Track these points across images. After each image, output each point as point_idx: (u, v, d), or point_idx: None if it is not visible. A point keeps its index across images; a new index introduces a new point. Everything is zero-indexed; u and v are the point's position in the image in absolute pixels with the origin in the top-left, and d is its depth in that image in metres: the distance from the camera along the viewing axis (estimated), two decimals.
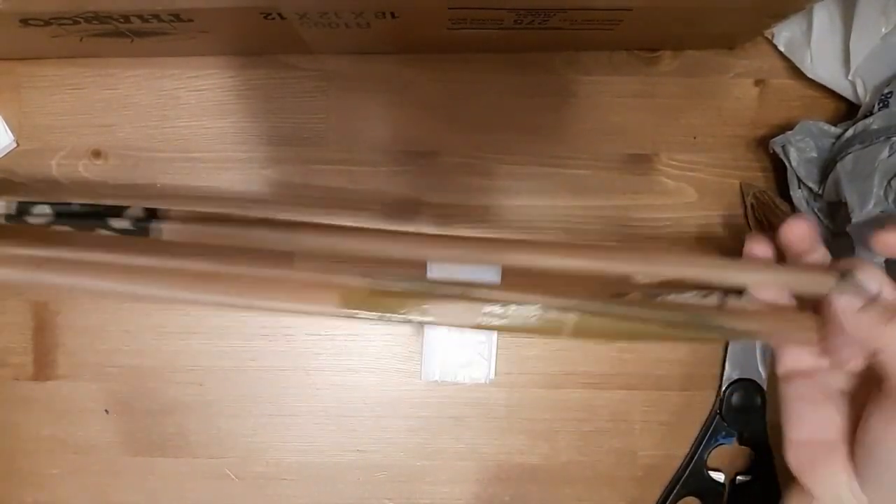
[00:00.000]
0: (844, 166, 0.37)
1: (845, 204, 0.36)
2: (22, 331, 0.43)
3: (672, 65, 0.42)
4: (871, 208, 0.35)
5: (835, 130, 0.39)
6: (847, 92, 0.40)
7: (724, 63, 0.42)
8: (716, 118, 0.42)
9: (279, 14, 0.33)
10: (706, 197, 0.42)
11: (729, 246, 0.42)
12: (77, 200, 0.31)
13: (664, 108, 0.42)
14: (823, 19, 0.39)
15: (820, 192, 0.39)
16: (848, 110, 0.41)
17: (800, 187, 0.39)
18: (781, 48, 0.41)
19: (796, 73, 0.41)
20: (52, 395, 0.43)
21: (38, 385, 0.43)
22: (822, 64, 0.40)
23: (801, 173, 0.39)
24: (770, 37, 0.41)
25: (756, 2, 0.34)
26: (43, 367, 0.43)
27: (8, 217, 0.31)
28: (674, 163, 0.42)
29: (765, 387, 0.42)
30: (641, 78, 0.42)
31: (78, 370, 0.42)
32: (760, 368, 0.42)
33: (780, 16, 0.38)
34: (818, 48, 0.39)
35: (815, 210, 0.39)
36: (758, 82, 0.42)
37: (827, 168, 0.38)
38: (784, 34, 0.41)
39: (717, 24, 0.37)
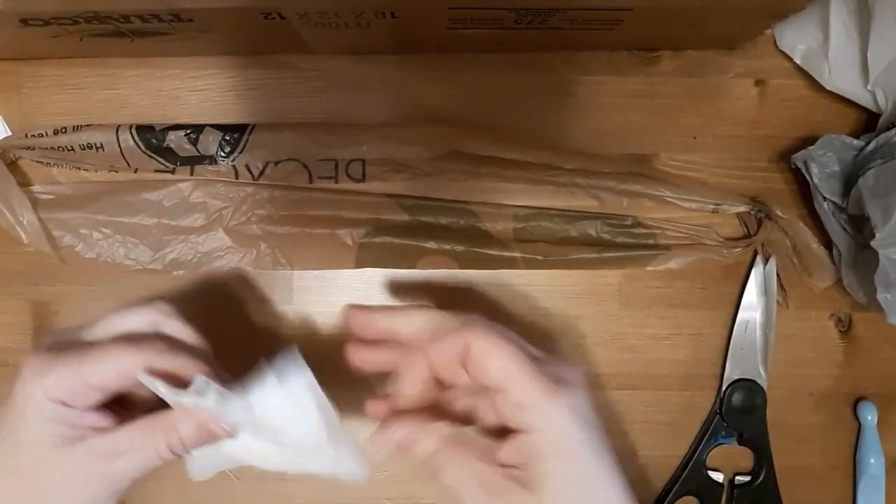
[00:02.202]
0: (866, 181, 0.36)
1: (869, 218, 0.36)
2: (22, 331, 0.43)
3: (672, 65, 0.42)
4: (895, 223, 0.34)
5: (857, 143, 0.38)
6: (867, 102, 0.40)
7: (724, 63, 0.42)
8: (716, 118, 0.42)
9: (279, 14, 0.33)
10: None
11: (728, 246, 0.42)
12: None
13: (664, 108, 0.42)
14: (839, 31, 0.39)
15: (844, 205, 0.39)
16: (868, 120, 0.41)
17: (824, 200, 0.39)
18: (798, 61, 0.41)
19: (796, 73, 0.42)
20: None
21: None
22: (841, 76, 0.39)
23: (824, 188, 0.39)
24: (772, 38, 0.41)
25: (756, 2, 0.34)
26: None
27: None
28: (674, 163, 0.42)
29: (765, 387, 0.42)
30: (641, 78, 0.42)
31: None
32: (761, 369, 0.42)
33: (780, 16, 0.38)
34: (836, 60, 0.39)
35: (842, 223, 0.39)
36: (758, 82, 0.42)
37: (850, 182, 0.38)
38: (800, 47, 0.41)
39: (717, 24, 0.37)
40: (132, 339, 0.30)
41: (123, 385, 0.29)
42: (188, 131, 0.40)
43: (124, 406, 0.31)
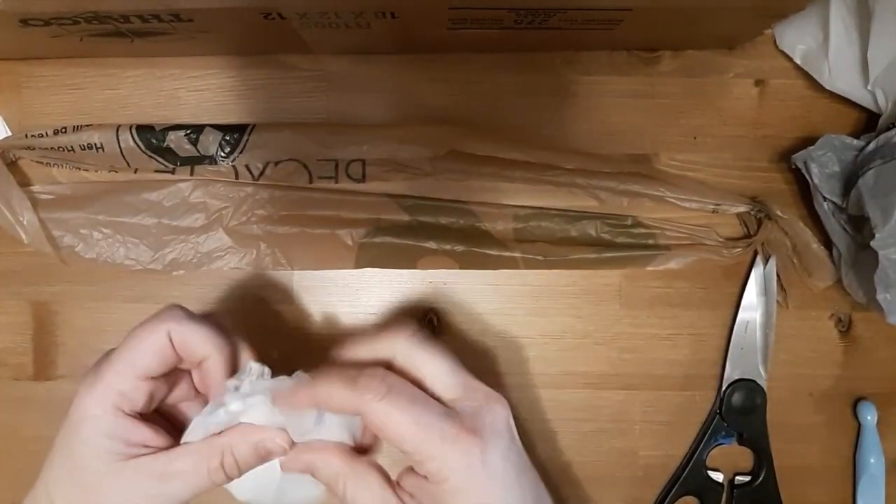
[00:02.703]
0: (866, 182, 0.36)
1: (869, 218, 0.36)
2: (22, 331, 0.43)
3: (672, 65, 0.42)
4: (895, 224, 0.34)
5: (857, 143, 0.38)
6: (867, 102, 0.40)
7: (724, 63, 0.42)
8: (716, 118, 0.42)
9: (279, 14, 0.33)
10: None
11: (728, 246, 0.42)
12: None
13: (664, 108, 0.42)
14: (840, 31, 0.39)
15: (844, 205, 0.39)
16: (868, 120, 0.41)
17: (824, 200, 0.39)
18: (798, 61, 0.41)
19: (796, 73, 0.42)
20: (52, 395, 0.43)
21: (38, 385, 0.43)
22: (841, 75, 0.39)
23: (824, 188, 0.39)
24: (772, 38, 0.41)
25: (756, 2, 0.34)
26: (43, 367, 0.43)
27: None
28: (674, 163, 0.42)
29: (765, 387, 0.42)
30: (641, 78, 0.42)
31: (78, 370, 0.42)
32: (761, 369, 0.42)
33: (780, 16, 0.38)
34: (836, 60, 0.39)
35: (842, 223, 0.39)
36: (758, 82, 0.42)
37: (850, 182, 0.38)
38: (800, 47, 0.41)
39: (717, 24, 0.37)
40: (152, 316, 0.30)
41: (164, 364, 0.30)
42: (188, 131, 0.40)
43: (175, 426, 0.32)
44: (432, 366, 0.29)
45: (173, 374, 0.31)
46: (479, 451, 0.27)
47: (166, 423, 0.32)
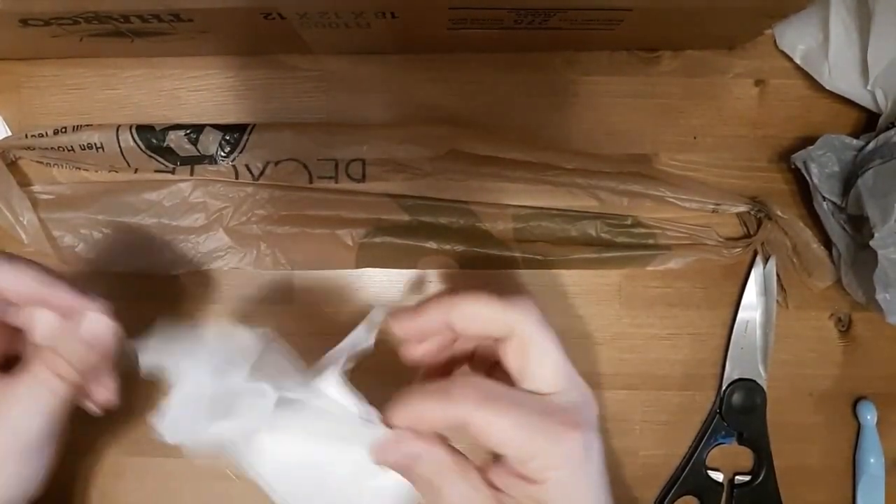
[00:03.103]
0: (865, 182, 0.37)
1: (868, 218, 0.36)
2: None
3: (672, 65, 0.42)
4: (894, 224, 0.34)
5: (857, 143, 0.39)
6: (867, 102, 0.40)
7: (724, 63, 0.42)
8: (716, 118, 0.42)
9: (279, 14, 0.33)
10: None
11: (728, 246, 0.42)
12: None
13: (664, 108, 0.42)
14: (839, 31, 0.39)
15: (843, 205, 0.39)
16: (868, 120, 0.41)
17: (823, 200, 0.39)
18: (798, 61, 0.41)
19: (796, 73, 0.42)
20: None
21: None
22: (841, 75, 0.39)
23: (824, 188, 0.39)
24: (772, 38, 0.41)
25: (756, 2, 0.34)
26: None
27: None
28: (674, 163, 0.42)
29: (765, 387, 0.42)
30: (641, 78, 0.42)
31: None
32: (761, 368, 0.42)
33: (780, 16, 0.38)
34: (836, 60, 0.39)
35: (841, 222, 0.39)
36: (758, 82, 0.42)
37: (849, 182, 0.38)
38: (800, 47, 0.41)
39: (717, 24, 0.37)
40: None
41: None
42: (188, 131, 0.40)
43: None
44: (543, 354, 0.28)
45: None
46: (581, 446, 0.26)
47: None
